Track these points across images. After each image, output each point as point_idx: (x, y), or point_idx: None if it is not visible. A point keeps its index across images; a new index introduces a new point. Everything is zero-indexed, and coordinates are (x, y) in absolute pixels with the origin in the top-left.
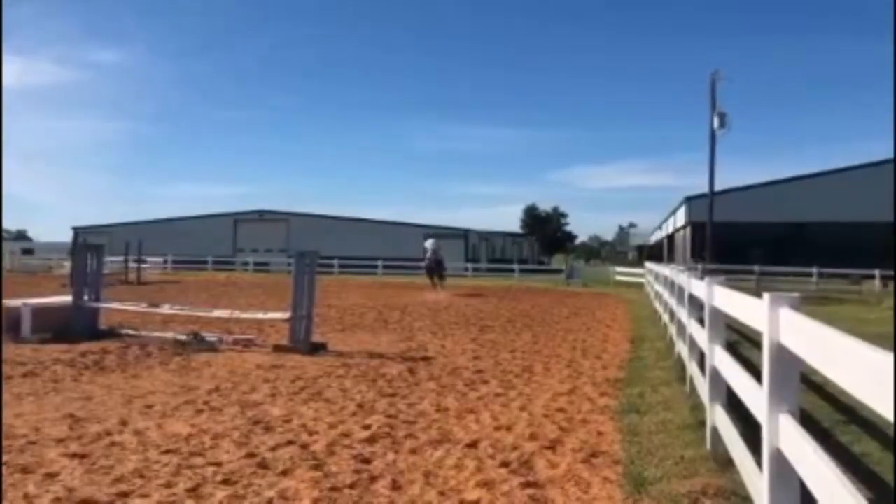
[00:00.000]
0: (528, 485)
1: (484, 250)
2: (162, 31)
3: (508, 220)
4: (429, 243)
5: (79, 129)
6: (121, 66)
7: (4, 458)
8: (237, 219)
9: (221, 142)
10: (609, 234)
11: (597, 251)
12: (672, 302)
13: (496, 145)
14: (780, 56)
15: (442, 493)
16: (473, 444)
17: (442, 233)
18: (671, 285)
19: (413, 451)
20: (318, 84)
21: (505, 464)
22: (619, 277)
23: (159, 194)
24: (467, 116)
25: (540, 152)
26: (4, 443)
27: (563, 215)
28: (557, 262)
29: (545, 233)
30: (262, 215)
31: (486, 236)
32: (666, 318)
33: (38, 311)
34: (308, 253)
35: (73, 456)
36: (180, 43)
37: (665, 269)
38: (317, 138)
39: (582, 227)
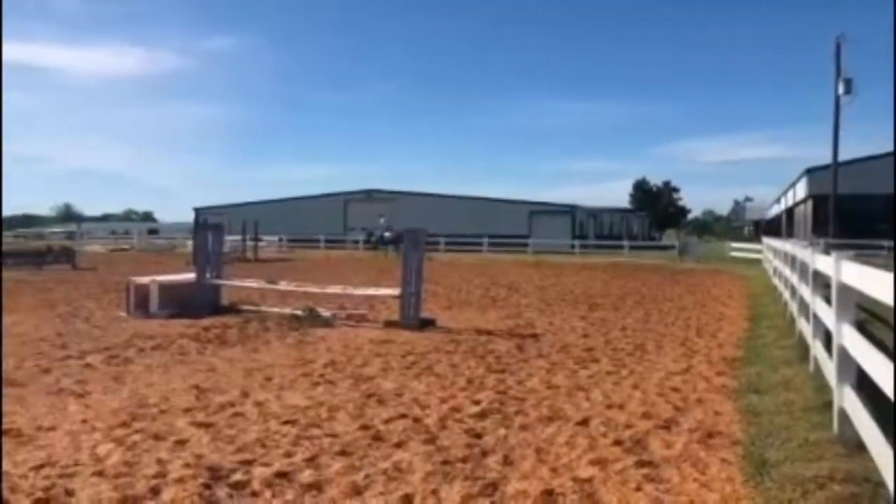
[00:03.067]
0: (642, 464)
1: (592, 227)
2: (272, 17)
3: (617, 195)
4: (381, 221)
5: (197, 114)
6: (234, 53)
7: (139, 425)
8: (347, 198)
9: (331, 124)
10: (723, 209)
11: (711, 226)
12: (794, 279)
13: (603, 119)
14: None
15: (554, 470)
16: (585, 422)
17: (548, 209)
18: (792, 261)
19: (524, 428)
20: (423, 65)
21: (618, 442)
22: (734, 253)
23: (274, 176)
24: (572, 91)
25: (649, 125)
26: (139, 410)
27: (675, 190)
28: (669, 238)
29: (656, 208)
30: (370, 195)
31: (594, 213)
32: (786, 295)
33: (165, 288)
34: (416, 231)
35: (200, 425)
36: (290, 28)
37: (785, 245)
38: (422, 118)
39: (695, 201)
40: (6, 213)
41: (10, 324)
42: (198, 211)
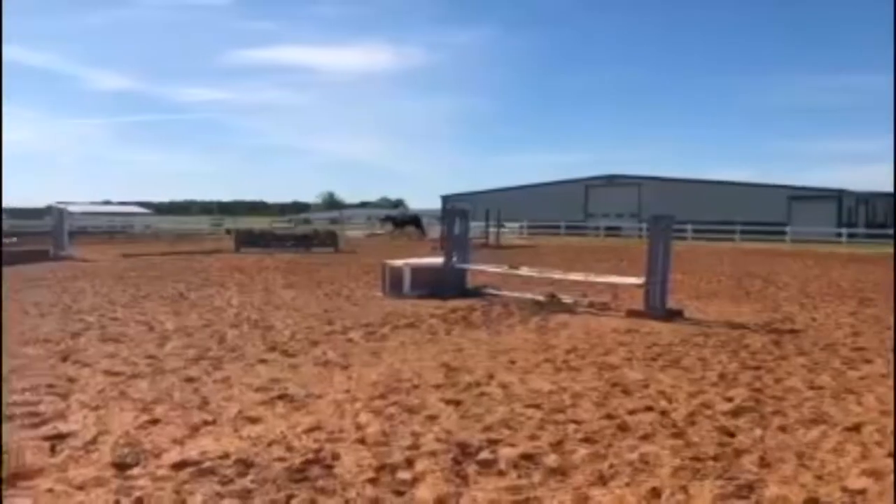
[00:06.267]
0: None
1: (862, 214)
2: (510, 6)
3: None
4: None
5: (443, 105)
6: (476, 45)
7: (394, 398)
8: (588, 184)
9: (572, 110)
10: None
11: None
12: None
13: (874, 94)
14: None
15: (819, 478)
16: (855, 428)
17: (810, 195)
18: None
19: (782, 429)
20: (670, 44)
21: None
22: None
23: (516, 163)
24: (835, 62)
25: None
26: (394, 384)
27: None
28: None
29: None
30: (611, 180)
31: (866, 198)
32: None
33: (416, 271)
34: (663, 217)
35: (449, 402)
36: (529, 16)
37: None
38: (668, 99)
39: None
40: (280, 199)
41: (289, 299)
42: (445, 198)
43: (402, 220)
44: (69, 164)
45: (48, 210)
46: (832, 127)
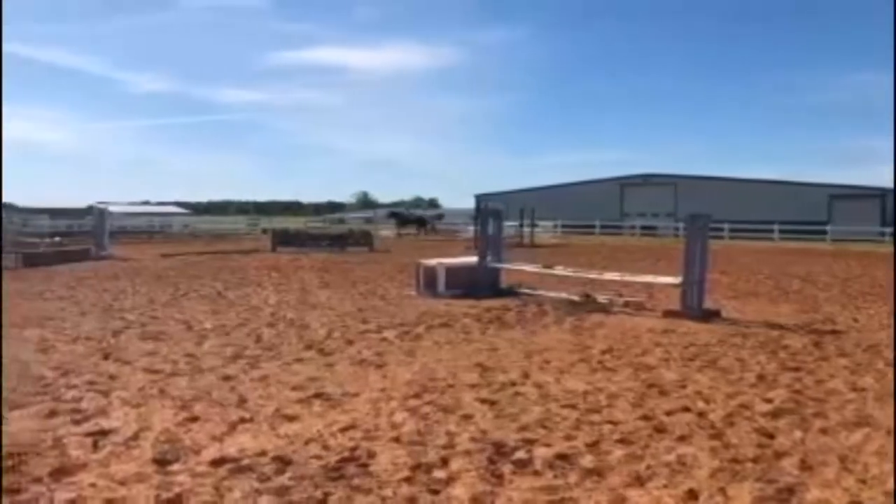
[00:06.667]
0: None
1: None
2: (541, 6)
3: None
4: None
5: (476, 105)
6: (507, 45)
7: (429, 397)
8: (623, 183)
9: (606, 109)
10: None
11: None
12: None
13: None
14: None
15: (862, 482)
16: None
17: (852, 193)
18: None
19: (824, 432)
20: (701, 43)
21: None
22: None
23: (549, 162)
24: (872, 58)
25: None
26: (429, 383)
27: None
28: None
29: None
30: (646, 179)
31: None
32: None
33: (451, 270)
34: (700, 216)
35: (484, 401)
36: (560, 16)
37: None
38: (704, 95)
39: None
40: (315, 199)
41: (324, 298)
42: (478, 197)
43: (405, 218)
44: (109, 165)
45: (89, 210)
46: (874, 123)
